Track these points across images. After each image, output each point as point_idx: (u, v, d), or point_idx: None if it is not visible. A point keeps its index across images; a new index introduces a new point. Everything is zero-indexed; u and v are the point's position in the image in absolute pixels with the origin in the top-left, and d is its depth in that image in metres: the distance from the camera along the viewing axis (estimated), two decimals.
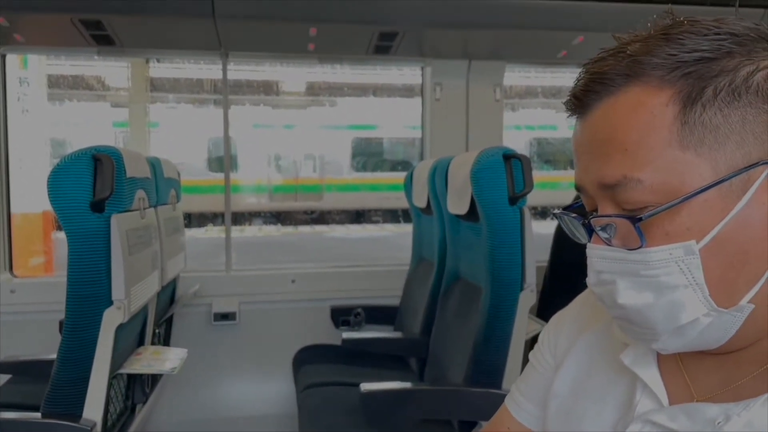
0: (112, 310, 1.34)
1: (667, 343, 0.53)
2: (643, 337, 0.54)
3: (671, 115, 0.49)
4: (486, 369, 1.56)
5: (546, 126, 11.33)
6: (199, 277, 2.46)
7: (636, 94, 0.50)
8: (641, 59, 0.50)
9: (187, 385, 2.42)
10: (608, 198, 0.53)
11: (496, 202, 1.54)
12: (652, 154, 0.49)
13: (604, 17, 2.21)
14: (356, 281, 2.60)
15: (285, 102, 11.39)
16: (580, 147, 0.55)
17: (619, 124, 0.51)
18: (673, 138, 0.49)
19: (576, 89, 0.54)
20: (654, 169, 0.49)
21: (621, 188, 0.51)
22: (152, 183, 1.70)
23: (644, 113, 0.50)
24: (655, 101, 0.49)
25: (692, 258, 0.49)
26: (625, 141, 0.50)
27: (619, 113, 0.51)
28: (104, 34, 2.17)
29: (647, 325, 0.52)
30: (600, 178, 0.52)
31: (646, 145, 0.49)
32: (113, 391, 1.51)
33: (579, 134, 0.55)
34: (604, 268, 0.53)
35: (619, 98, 0.51)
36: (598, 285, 0.55)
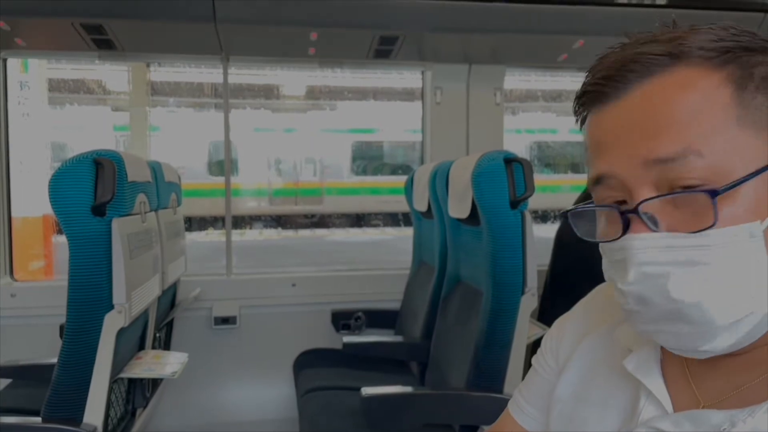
0: (113, 314, 1.34)
1: (717, 344, 0.49)
2: (689, 339, 0.49)
3: (725, 96, 0.48)
4: (487, 373, 1.56)
5: (546, 130, 11.34)
6: (199, 281, 2.46)
7: (683, 75, 0.49)
8: (686, 42, 0.49)
9: (188, 389, 2.41)
10: (652, 179, 0.49)
11: (497, 205, 1.54)
12: (711, 130, 0.47)
13: (605, 21, 2.21)
14: (357, 285, 2.60)
15: (285, 106, 11.40)
16: (615, 133, 0.51)
17: (671, 101, 0.49)
18: (730, 117, 0.48)
19: (608, 70, 0.52)
20: (714, 146, 0.47)
21: (679, 162, 0.47)
22: (153, 187, 1.70)
23: (696, 92, 0.48)
24: (705, 83, 0.49)
25: (756, 240, 0.47)
26: (680, 116, 0.48)
27: (666, 92, 0.49)
28: (105, 38, 2.18)
29: (702, 322, 0.48)
30: (652, 153, 0.48)
31: (704, 120, 0.48)
32: (114, 396, 1.51)
33: (610, 120, 0.52)
34: (652, 259, 0.48)
35: (664, 79, 0.49)
36: (641, 281, 0.49)
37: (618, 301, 0.68)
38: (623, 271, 0.50)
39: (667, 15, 1.94)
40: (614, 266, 0.52)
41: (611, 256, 0.53)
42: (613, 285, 0.53)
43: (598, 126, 0.53)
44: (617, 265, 0.52)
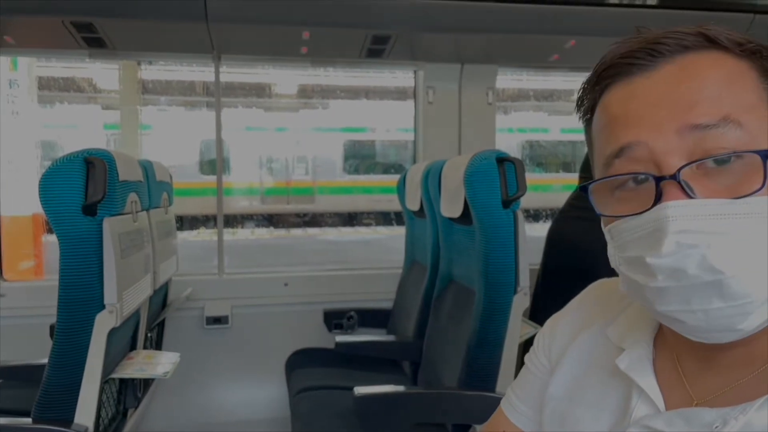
0: (104, 314, 1.33)
1: (753, 321, 0.47)
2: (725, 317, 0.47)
3: (755, 79, 0.49)
4: (479, 372, 1.57)
5: (538, 129, 11.38)
6: (191, 281, 2.45)
7: (713, 57, 0.50)
8: (713, 32, 0.50)
9: (180, 389, 2.40)
10: (686, 148, 0.48)
11: (489, 205, 1.54)
12: (747, 104, 0.48)
13: (596, 21, 2.22)
14: (349, 284, 2.60)
15: (277, 105, 11.37)
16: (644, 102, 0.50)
17: (706, 75, 0.49)
18: (762, 98, 0.49)
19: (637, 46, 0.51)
20: (751, 118, 0.48)
21: (718, 129, 0.47)
22: (144, 186, 1.70)
23: (729, 71, 0.49)
24: (736, 66, 0.50)
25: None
26: (717, 87, 0.48)
27: (700, 67, 0.49)
28: (96, 36, 2.16)
29: (743, 294, 0.46)
30: (690, 120, 0.47)
31: (741, 94, 0.48)
32: (105, 396, 1.50)
33: (639, 92, 0.51)
34: (693, 227, 0.46)
35: (698, 56, 0.50)
36: (677, 252, 0.46)
37: (612, 298, 0.68)
38: (655, 242, 0.47)
39: (657, 15, 1.96)
40: (641, 241, 0.49)
41: (636, 231, 0.50)
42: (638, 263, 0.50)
43: (624, 99, 0.52)
44: (646, 238, 0.49)
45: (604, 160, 0.53)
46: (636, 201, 0.50)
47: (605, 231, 0.55)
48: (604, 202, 0.54)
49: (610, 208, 0.53)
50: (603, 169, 0.54)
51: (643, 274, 0.49)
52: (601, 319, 0.67)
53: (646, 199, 0.49)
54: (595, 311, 0.70)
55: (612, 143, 0.52)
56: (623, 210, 0.51)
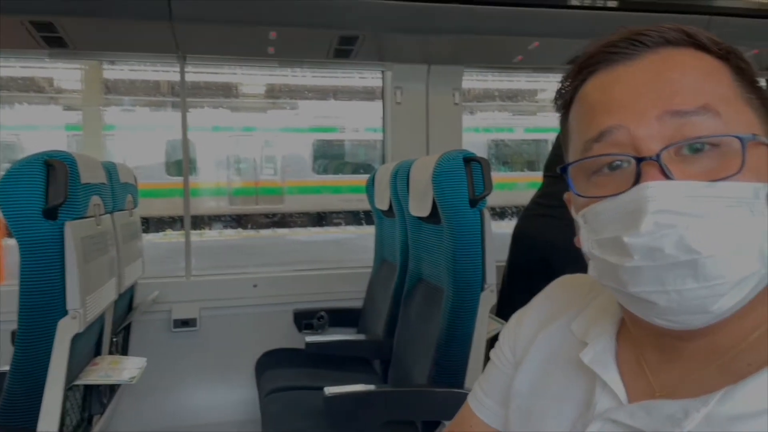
0: (67, 320, 1.31)
1: (724, 303, 0.48)
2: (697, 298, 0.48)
3: (730, 77, 0.52)
4: (448, 369, 1.58)
5: (503, 129, 11.51)
6: (158, 284, 2.41)
7: (693, 54, 0.53)
8: (690, 31, 0.53)
9: (147, 394, 2.37)
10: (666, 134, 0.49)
11: (456, 204, 1.56)
12: (724, 98, 0.51)
13: (559, 23, 2.26)
14: (319, 284, 2.60)
15: (245, 104, 11.26)
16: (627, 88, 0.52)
17: (686, 67, 0.51)
18: (737, 93, 0.52)
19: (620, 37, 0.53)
20: (728, 110, 0.50)
21: (698, 116, 0.49)
22: (108, 188, 1.67)
23: (708, 66, 0.52)
24: (713, 63, 0.52)
25: (760, 202, 0.48)
26: (697, 78, 0.51)
27: (681, 60, 0.52)
28: (56, 36, 2.11)
29: (717, 275, 0.47)
30: (671, 105, 0.49)
31: (718, 88, 0.51)
32: (69, 403, 1.48)
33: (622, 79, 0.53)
34: (672, 207, 0.47)
35: (678, 51, 0.53)
36: (655, 231, 0.47)
37: (576, 293, 0.70)
38: (634, 222, 0.48)
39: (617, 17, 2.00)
40: (619, 221, 0.50)
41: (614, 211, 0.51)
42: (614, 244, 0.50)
43: (606, 85, 0.54)
44: (624, 218, 0.49)
45: (582, 145, 0.54)
46: (612, 185, 0.51)
47: (578, 217, 0.56)
48: (581, 186, 0.55)
49: (587, 192, 0.54)
50: (581, 153, 0.55)
51: (619, 255, 0.50)
52: (565, 314, 0.68)
53: (623, 183, 0.50)
54: (559, 306, 0.71)
55: (593, 128, 0.53)
56: (600, 193, 0.52)
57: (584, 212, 0.54)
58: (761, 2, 2.28)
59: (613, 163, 0.52)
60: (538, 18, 2.22)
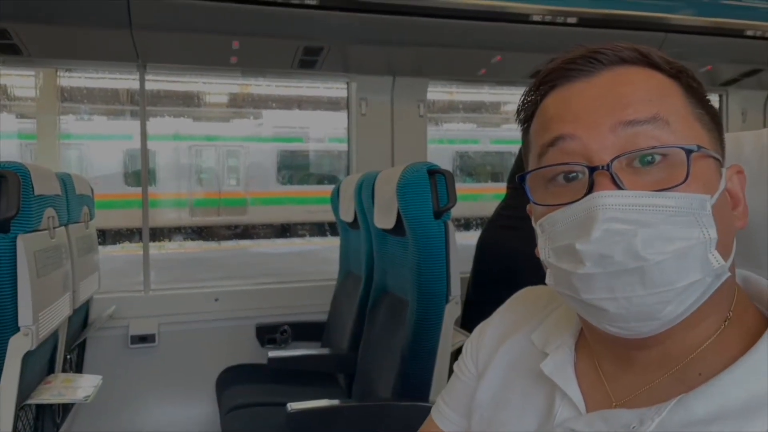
0: (19, 337, 1.26)
1: (670, 309, 0.50)
2: (645, 304, 0.50)
3: (681, 95, 0.54)
4: (413, 382, 1.58)
5: (468, 140, 11.65)
6: (114, 298, 2.34)
7: (647, 71, 0.55)
8: (643, 50, 0.55)
9: (103, 413, 2.29)
10: (618, 144, 0.51)
11: (421, 216, 1.57)
12: (675, 111, 0.53)
13: (521, 38, 2.31)
14: (282, 298, 2.56)
15: (207, 114, 11.11)
16: (582, 102, 0.54)
17: (639, 82, 0.54)
18: (686, 107, 0.54)
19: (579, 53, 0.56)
20: (678, 122, 0.52)
21: (649, 125, 0.51)
22: (63, 200, 1.61)
23: (660, 83, 0.54)
24: (665, 81, 0.55)
25: (706, 213, 0.50)
26: (649, 92, 0.53)
27: (634, 77, 0.54)
28: (10, 43, 2.04)
29: (662, 282, 0.49)
30: (624, 116, 0.51)
31: (669, 102, 0.53)
32: (21, 424, 1.41)
33: (578, 93, 0.55)
34: (621, 216, 0.49)
35: (632, 69, 0.55)
36: (605, 238, 0.49)
37: (538, 305, 0.71)
38: (586, 230, 0.50)
39: (577, 33, 2.04)
40: (572, 229, 0.51)
41: (568, 220, 0.52)
42: (567, 251, 0.52)
43: (563, 100, 0.56)
44: (577, 226, 0.51)
45: (538, 150, 0.56)
46: (567, 194, 0.53)
47: (536, 226, 0.57)
48: (539, 195, 0.57)
49: (545, 200, 0.56)
50: (537, 159, 0.57)
51: (572, 262, 0.51)
52: (527, 325, 0.70)
53: (578, 192, 0.52)
54: (521, 317, 0.72)
55: (548, 134, 0.55)
56: (556, 202, 0.54)
57: (541, 221, 0.56)
58: (715, 21, 2.37)
59: (570, 174, 0.54)
60: (500, 32, 2.26)
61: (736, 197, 0.56)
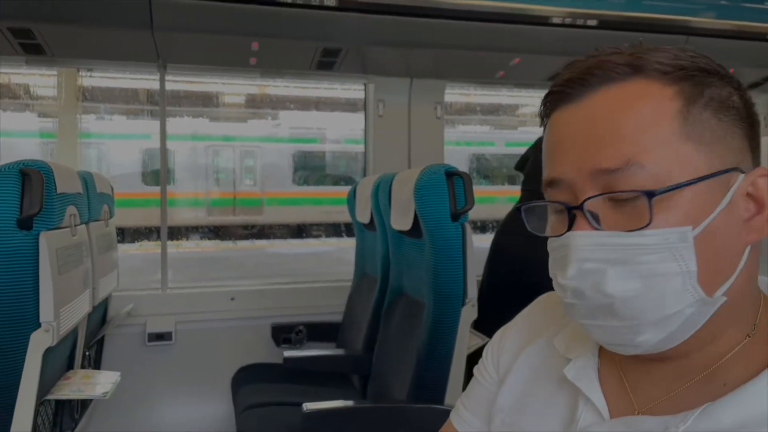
0: (40, 333, 1.27)
1: (647, 338, 0.52)
2: (621, 333, 0.53)
3: (675, 109, 0.52)
4: (428, 384, 1.58)
5: (485, 142, 11.61)
6: (133, 296, 2.36)
7: (640, 85, 0.53)
8: (646, 57, 0.53)
9: (120, 409, 2.31)
10: (598, 186, 0.52)
11: (438, 218, 1.56)
12: (655, 142, 0.51)
13: (540, 41, 2.29)
14: (298, 298, 2.57)
15: (225, 114, 11.19)
16: (570, 136, 0.54)
17: (623, 111, 0.52)
18: (676, 130, 0.51)
19: (572, 74, 0.55)
20: (656, 157, 0.51)
21: (621, 173, 0.51)
22: (84, 198, 1.63)
23: (650, 103, 0.52)
24: (659, 94, 0.52)
25: (686, 246, 0.50)
26: (628, 126, 0.51)
27: (622, 100, 0.52)
28: (34, 43, 2.08)
29: (633, 317, 0.51)
30: (598, 164, 0.52)
31: (651, 132, 0.51)
32: (40, 418, 1.43)
33: (565, 125, 0.55)
34: (591, 255, 0.51)
35: (621, 87, 0.53)
36: (578, 277, 0.52)
37: (558, 311, 0.70)
38: (564, 265, 0.53)
39: (597, 36, 2.03)
40: (557, 262, 0.55)
41: (555, 253, 0.56)
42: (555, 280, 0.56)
43: (558, 127, 0.56)
44: (560, 260, 0.54)
45: (544, 182, 0.58)
46: (558, 226, 0.56)
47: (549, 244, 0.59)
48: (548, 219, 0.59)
49: (549, 226, 0.59)
50: (544, 189, 0.59)
51: (559, 290, 0.56)
52: (549, 330, 0.69)
53: (563, 227, 0.55)
54: (542, 323, 0.72)
55: (547, 172, 0.57)
56: (552, 231, 0.57)
57: (548, 243, 0.58)
58: (737, 24, 2.34)
59: (558, 209, 0.57)
60: (519, 35, 2.25)
61: (761, 202, 0.53)
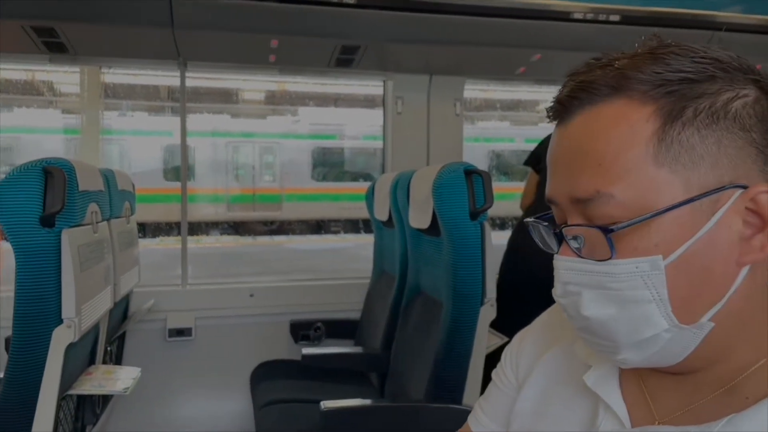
0: (62, 329, 1.29)
1: (628, 357, 0.53)
2: (605, 349, 0.55)
3: (650, 131, 0.50)
4: (446, 384, 1.57)
5: (504, 139, 11.54)
6: (153, 292, 2.39)
7: (619, 106, 0.51)
8: (628, 73, 0.51)
9: (140, 404, 2.34)
10: (579, 212, 0.53)
11: (457, 217, 1.55)
12: (626, 169, 0.50)
13: (561, 36, 2.26)
14: (316, 295, 2.58)
15: (244, 110, 11.27)
16: (557, 158, 0.55)
17: (598, 136, 0.51)
18: (649, 154, 0.49)
19: (560, 95, 0.55)
20: (627, 185, 0.50)
21: (593, 203, 0.51)
22: (105, 196, 1.65)
23: (624, 126, 0.50)
24: (636, 115, 0.50)
25: (657, 273, 0.49)
26: (602, 154, 0.51)
27: (599, 124, 0.51)
28: (57, 41, 2.10)
29: (609, 338, 0.53)
30: (572, 192, 0.53)
31: (622, 159, 0.50)
32: (62, 413, 1.45)
33: (556, 145, 0.56)
34: (570, 279, 0.54)
35: (601, 109, 0.52)
36: (564, 296, 0.55)
37: None
38: (555, 283, 0.56)
39: (619, 31, 1.99)
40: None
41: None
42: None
43: (552, 147, 0.57)
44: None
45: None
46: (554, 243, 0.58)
47: None
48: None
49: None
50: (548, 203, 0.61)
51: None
52: (569, 336, 0.68)
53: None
54: (561, 328, 0.70)
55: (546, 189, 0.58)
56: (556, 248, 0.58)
57: None
58: (765, 18, 2.28)
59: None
60: (540, 31, 2.22)
61: (762, 219, 0.50)
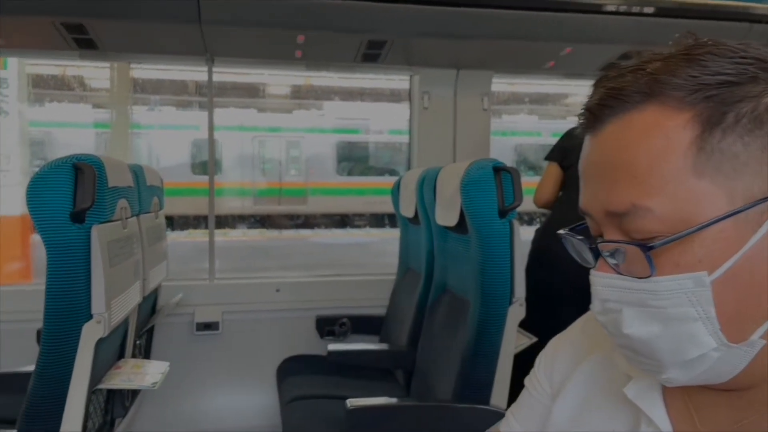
0: (92, 324, 1.30)
1: (674, 376, 0.50)
2: (648, 368, 0.52)
3: (688, 139, 0.46)
4: (474, 384, 1.55)
5: (531, 132, 11.40)
6: (181, 286, 2.41)
7: (652, 114, 0.48)
8: (661, 78, 0.48)
9: (168, 397, 2.37)
10: (615, 225, 0.50)
11: (485, 214, 1.52)
12: (664, 182, 0.46)
13: (592, 29, 2.21)
14: (342, 290, 2.58)
15: (271, 105, 11.33)
16: (589, 169, 0.53)
17: (631, 146, 0.48)
18: (688, 164, 0.46)
19: (590, 103, 0.52)
20: (665, 198, 0.46)
21: (629, 217, 0.48)
22: (135, 191, 1.66)
23: (659, 136, 0.47)
24: (671, 123, 0.47)
25: (703, 290, 0.46)
26: (636, 166, 0.47)
27: (632, 133, 0.48)
28: (86, 38, 2.13)
29: (653, 357, 0.50)
30: (607, 206, 0.50)
31: (659, 171, 0.47)
32: (92, 406, 1.47)
33: (588, 155, 0.53)
34: (609, 297, 0.51)
35: (634, 117, 0.48)
36: (603, 313, 0.52)
37: None
38: (593, 298, 0.53)
39: (654, 24, 1.93)
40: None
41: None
42: None
43: (584, 157, 0.54)
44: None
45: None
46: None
47: None
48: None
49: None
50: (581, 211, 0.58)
51: None
52: (607, 345, 0.65)
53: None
54: (599, 336, 0.68)
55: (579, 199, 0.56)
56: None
57: None
58: None
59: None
60: (571, 24, 2.17)
61: None
